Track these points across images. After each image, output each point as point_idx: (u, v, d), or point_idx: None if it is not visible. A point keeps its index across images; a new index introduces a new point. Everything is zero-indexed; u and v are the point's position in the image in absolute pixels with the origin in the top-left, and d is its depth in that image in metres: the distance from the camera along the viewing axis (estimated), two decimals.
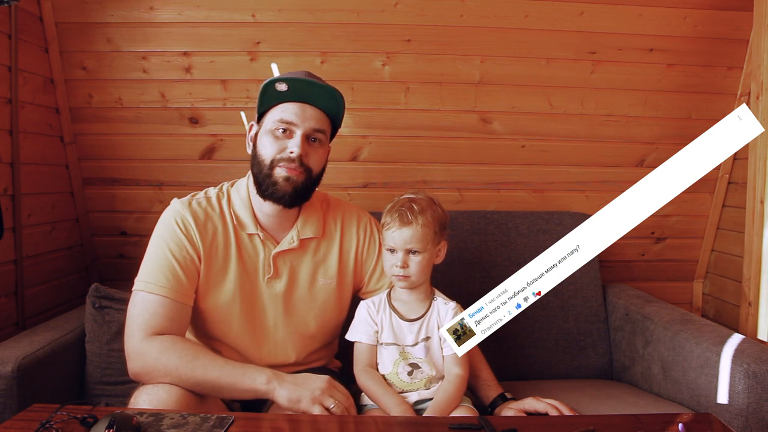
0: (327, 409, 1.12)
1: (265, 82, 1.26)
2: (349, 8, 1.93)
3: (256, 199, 1.32)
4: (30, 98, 1.79)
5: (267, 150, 1.27)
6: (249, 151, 1.34)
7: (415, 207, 1.29)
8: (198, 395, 1.17)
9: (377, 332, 1.32)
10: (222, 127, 2.01)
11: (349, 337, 1.34)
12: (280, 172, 1.26)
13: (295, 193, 1.27)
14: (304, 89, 1.27)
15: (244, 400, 1.32)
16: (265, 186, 1.28)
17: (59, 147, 1.97)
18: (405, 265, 1.28)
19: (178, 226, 1.28)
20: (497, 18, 1.96)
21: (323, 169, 1.34)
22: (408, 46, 1.98)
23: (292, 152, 1.25)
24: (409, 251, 1.29)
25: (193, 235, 1.28)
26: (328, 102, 1.30)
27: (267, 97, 1.28)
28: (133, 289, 1.24)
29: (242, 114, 2.00)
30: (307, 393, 1.13)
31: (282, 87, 1.25)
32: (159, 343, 1.17)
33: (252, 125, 1.36)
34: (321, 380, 1.16)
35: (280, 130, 1.27)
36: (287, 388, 1.14)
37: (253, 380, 1.15)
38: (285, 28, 1.95)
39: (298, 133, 1.26)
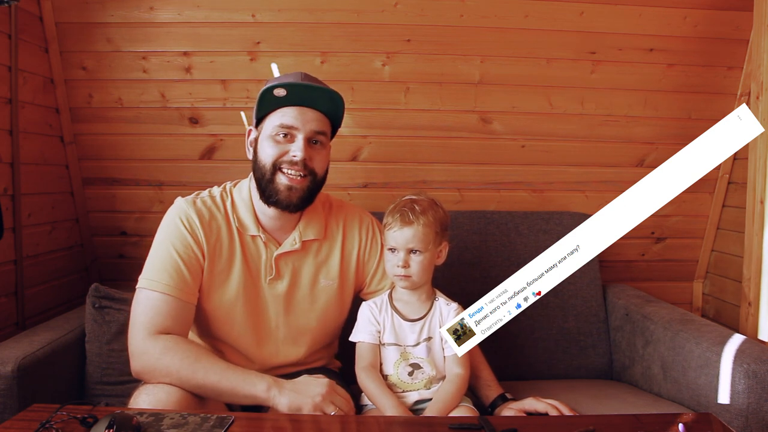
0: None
1: (264, 88, 1.25)
2: (349, 8, 1.93)
3: (258, 202, 1.32)
4: (30, 98, 1.79)
5: (268, 154, 1.27)
6: (249, 156, 1.34)
7: (417, 207, 1.30)
8: (198, 396, 1.17)
9: (380, 332, 1.32)
10: (222, 127, 2.01)
11: (353, 338, 1.34)
12: (282, 180, 1.26)
13: (299, 200, 1.28)
14: (303, 93, 1.26)
15: None
16: (268, 193, 1.27)
17: (59, 147, 1.97)
18: (406, 265, 1.29)
19: (183, 224, 1.27)
20: (497, 18, 1.96)
21: (327, 171, 1.34)
22: (408, 46, 1.98)
23: (295, 156, 1.25)
24: (410, 251, 1.29)
25: (198, 233, 1.28)
26: (327, 104, 1.29)
27: (265, 103, 1.27)
28: (137, 287, 1.24)
29: (242, 114, 2.00)
30: (308, 400, 1.11)
31: (281, 92, 1.24)
32: (162, 343, 1.17)
33: (250, 130, 1.35)
34: (321, 386, 1.14)
35: (281, 135, 1.26)
36: (287, 396, 1.13)
37: (253, 386, 1.14)
38: (285, 28, 1.94)
39: (300, 137, 1.26)
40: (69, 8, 1.88)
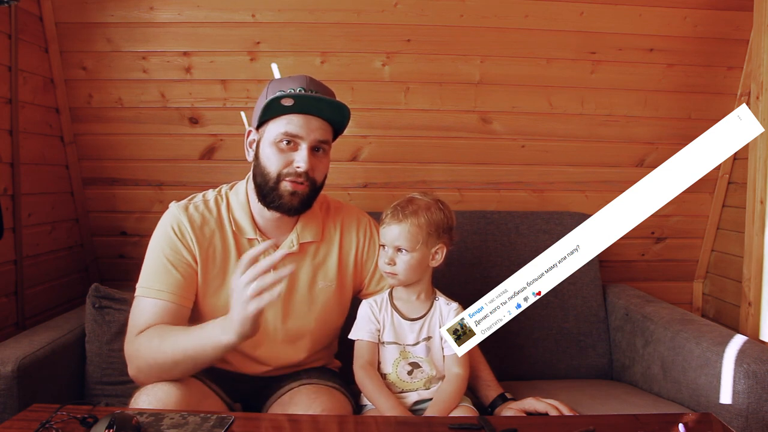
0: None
1: (271, 97, 1.23)
2: (349, 8, 1.93)
3: (256, 205, 1.32)
4: (30, 98, 1.79)
5: (272, 163, 1.26)
6: (249, 158, 1.33)
7: (410, 206, 1.29)
8: (198, 395, 1.17)
9: (379, 330, 1.32)
10: (222, 127, 2.01)
11: (352, 336, 1.34)
12: (286, 187, 1.25)
13: (300, 204, 1.27)
14: (310, 103, 1.25)
15: (245, 400, 1.33)
16: (270, 198, 1.27)
17: (59, 147, 1.97)
18: (392, 263, 1.28)
19: (174, 232, 1.28)
20: (497, 18, 1.96)
21: (325, 177, 1.34)
22: (408, 46, 1.98)
23: (299, 167, 1.24)
24: (397, 249, 1.28)
25: (189, 240, 1.28)
26: (333, 114, 1.28)
27: (271, 109, 1.26)
28: (134, 295, 1.25)
29: (242, 114, 2.00)
30: (250, 330, 1.05)
31: (288, 102, 1.23)
32: (140, 339, 1.18)
33: (250, 131, 1.34)
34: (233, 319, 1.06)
35: (285, 143, 1.25)
36: (235, 335, 1.07)
37: (214, 352, 1.11)
38: (285, 28, 1.94)
39: (304, 146, 1.25)
40: (69, 8, 1.88)
